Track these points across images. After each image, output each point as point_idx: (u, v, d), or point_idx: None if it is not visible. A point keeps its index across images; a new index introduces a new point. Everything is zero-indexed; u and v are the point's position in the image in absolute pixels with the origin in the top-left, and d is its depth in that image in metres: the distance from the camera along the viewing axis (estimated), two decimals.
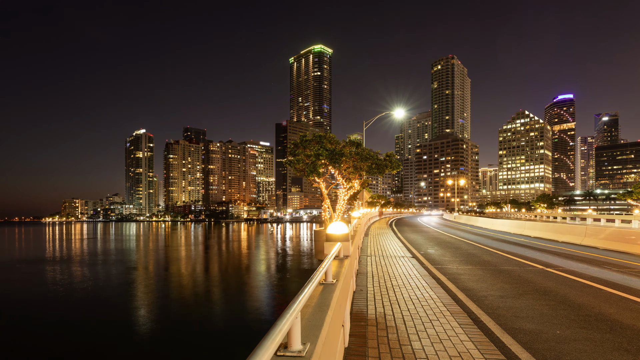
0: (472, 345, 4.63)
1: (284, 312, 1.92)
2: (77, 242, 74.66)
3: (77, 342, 16.23)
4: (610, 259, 12.22)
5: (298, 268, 36.77)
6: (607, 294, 7.44)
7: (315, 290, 3.55)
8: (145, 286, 27.77)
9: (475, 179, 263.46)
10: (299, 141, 13.97)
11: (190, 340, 15.95)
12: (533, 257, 12.93)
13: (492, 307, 6.54)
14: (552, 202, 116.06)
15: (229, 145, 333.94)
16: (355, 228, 12.74)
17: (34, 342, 16.38)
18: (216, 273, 34.41)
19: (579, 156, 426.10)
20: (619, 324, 5.59)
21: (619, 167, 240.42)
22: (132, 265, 38.80)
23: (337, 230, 6.32)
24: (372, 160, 13.79)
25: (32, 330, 17.82)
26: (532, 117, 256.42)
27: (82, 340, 16.51)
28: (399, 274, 9.52)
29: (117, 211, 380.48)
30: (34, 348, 15.86)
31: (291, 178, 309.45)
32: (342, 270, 4.77)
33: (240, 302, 22.47)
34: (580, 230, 17.77)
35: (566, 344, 4.78)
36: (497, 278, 9.20)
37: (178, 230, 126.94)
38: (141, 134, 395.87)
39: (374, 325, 5.37)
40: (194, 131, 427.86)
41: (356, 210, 23.55)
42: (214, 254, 50.43)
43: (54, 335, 17.13)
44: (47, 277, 32.28)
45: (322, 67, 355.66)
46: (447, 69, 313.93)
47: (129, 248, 61.68)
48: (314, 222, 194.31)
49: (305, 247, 59.29)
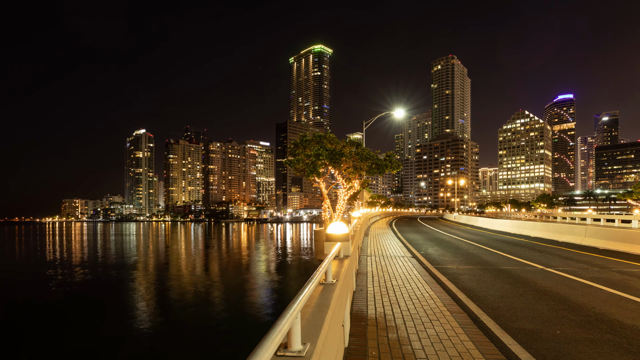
0: (472, 345, 4.63)
1: (284, 312, 1.93)
2: (77, 242, 74.63)
3: (77, 342, 16.22)
4: (610, 259, 12.22)
5: (298, 268, 36.76)
6: (607, 294, 7.44)
7: (315, 290, 3.55)
8: (145, 286, 27.76)
9: (475, 179, 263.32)
10: (299, 141, 13.96)
11: (190, 340, 15.95)
12: (533, 257, 12.93)
13: (492, 307, 6.54)
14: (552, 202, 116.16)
15: (229, 145, 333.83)
16: (355, 228, 12.73)
17: (34, 342, 16.37)
18: (216, 273, 34.40)
19: (579, 156, 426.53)
20: (619, 324, 5.59)
21: (619, 167, 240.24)
22: (132, 265, 38.78)
23: (337, 230, 6.32)
24: (372, 160, 13.77)
25: (32, 330, 17.82)
26: (532, 117, 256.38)
27: (82, 340, 16.50)
28: (399, 274, 9.52)
29: (117, 211, 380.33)
30: (34, 348, 15.85)
31: (291, 178, 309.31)
32: (342, 270, 4.77)
33: (240, 302, 22.47)
34: (580, 231, 17.77)
35: (566, 344, 4.78)
36: (497, 278, 9.20)
37: (178, 230, 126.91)
38: (141, 134, 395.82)
39: (374, 325, 5.37)
40: (194, 131, 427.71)
41: (356, 210, 23.56)
42: (214, 254, 50.41)
43: (54, 335, 17.12)
44: (47, 277, 32.26)
45: (322, 67, 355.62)
46: (447, 69, 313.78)
47: (128, 248, 61.65)
48: (314, 222, 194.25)
49: (305, 247, 59.27)
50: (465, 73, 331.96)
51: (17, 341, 16.60)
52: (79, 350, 15.41)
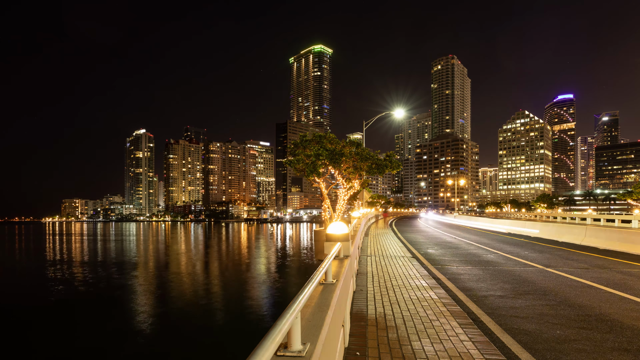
0: (472, 345, 4.63)
1: (284, 312, 1.92)
2: (77, 242, 74.63)
3: (77, 342, 16.22)
4: (610, 259, 12.22)
5: (298, 268, 36.76)
6: (607, 294, 7.44)
7: (315, 290, 3.55)
8: (145, 286, 27.76)
9: (475, 179, 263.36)
10: (299, 141, 13.96)
11: (190, 340, 15.95)
12: (533, 257, 12.93)
13: (492, 307, 6.54)
14: (552, 202, 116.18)
15: (229, 145, 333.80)
16: (355, 228, 12.74)
17: (34, 342, 16.37)
18: (216, 273, 34.40)
19: (579, 156, 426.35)
20: (619, 324, 5.59)
21: (619, 167, 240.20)
22: (131, 265, 38.78)
23: (337, 230, 6.32)
24: (372, 160, 13.77)
25: (32, 330, 17.82)
26: (532, 117, 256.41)
27: (82, 339, 16.50)
28: (399, 274, 9.52)
29: (117, 211, 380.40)
30: (34, 347, 15.85)
31: (291, 178, 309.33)
32: (342, 270, 4.77)
33: (240, 302, 22.47)
34: (580, 231, 17.77)
35: (566, 344, 4.78)
36: (497, 278, 9.20)
37: (178, 231, 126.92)
38: (141, 134, 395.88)
39: (374, 325, 5.37)
40: (194, 131, 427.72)
41: (356, 210, 23.56)
42: (214, 254, 50.42)
43: (54, 335, 17.12)
44: (47, 276, 32.27)
45: (322, 67, 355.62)
46: (447, 69, 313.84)
47: (128, 248, 61.66)
48: (314, 222, 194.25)
49: (305, 247, 59.27)
50: (465, 73, 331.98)
51: (17, 341, 16.59)
52: (79, 349, 15.41)
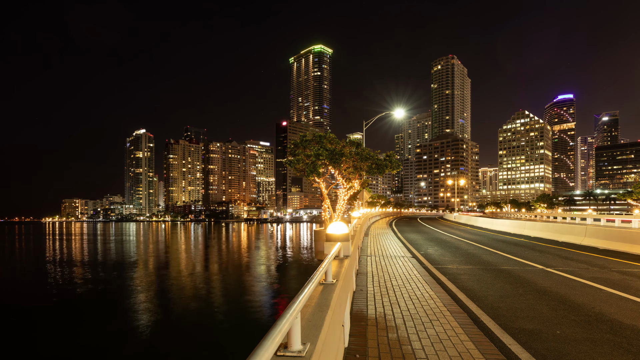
0: (472, 345, 4.63)
1: (284, 312, 1.93)
2: (77, 242, 74.63)
3: (77, 341, 16.22)
4: (610, 259, 12.22)
5: (298, 268, 36.76)
6: (607, 294, 7.44)
7: (315, 290, 3.55)
8: (145, 286, 27.76)
9: (475, 179, 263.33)
10: (299, 141, 13.96)
11: (190, 340, 15.95)
12: (533, 257, 12.93)
13: (492, 307, 6.54)
14: (552, 202, 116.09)
15: (229, 145, 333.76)
16: (355, 228, 12.74)
17: (34, 342, 16.37)
18: (216, 273, 34.40)
19: (579, 156, 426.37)
20: (619, 324, 5.59)
21: (619, 167, 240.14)
22: (131, 265, 38.78)
23: (337, 230, 6.32)
24: (372, 160, 13.77)
25: (32, 330, 17.82)
26: (532, 117, 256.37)
27: (82, 339, 16.50)
28: (399, 274, 9.51)
29: (117, 211, 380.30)
30: (35, 347, 15.85)
31: (291, 178, 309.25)
32: (342, 270, 4.77)
33: (240, 302, 22.47)
34: (580, 231, 17.77)
35: (566, 344, 4.78)
36: (497, 278, 9.20)
37: (178, 231, 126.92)
38: (141, 134, 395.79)
39: (374, 325, 5.37)
40: (194, 131, 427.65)
41: (356, 210, 23.56)
42: (213, 254, 50.42)
43: (54, 335, 17.12)
44: (47, 276, 32.26)
45: (322, 67, 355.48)
46: (447, 69, 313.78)
47: (128, 248, 61.66)
48: (314, 222, 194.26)
49: (305, 247, 59.27)
50: (465, 73, 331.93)
51: (17, 341, 16.59)
52: (80, 348, 15.41)
